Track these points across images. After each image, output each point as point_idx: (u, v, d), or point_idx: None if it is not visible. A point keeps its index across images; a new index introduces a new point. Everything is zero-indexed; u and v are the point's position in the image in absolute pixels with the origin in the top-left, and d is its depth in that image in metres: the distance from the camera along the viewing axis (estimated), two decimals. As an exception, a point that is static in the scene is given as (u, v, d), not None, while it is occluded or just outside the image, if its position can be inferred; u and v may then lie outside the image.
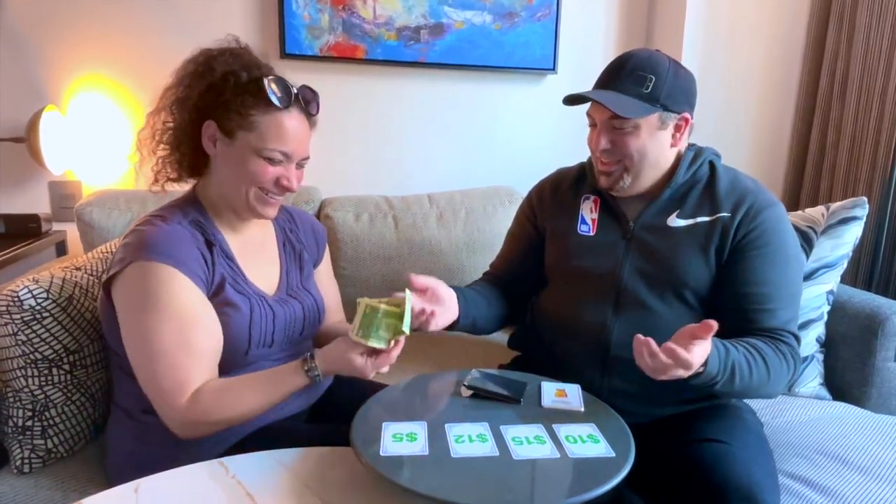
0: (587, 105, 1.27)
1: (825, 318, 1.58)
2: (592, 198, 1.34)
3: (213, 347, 1.07)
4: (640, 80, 1.19)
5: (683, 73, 1.23)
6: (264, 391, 1.06)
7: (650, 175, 1.25)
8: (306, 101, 1.15)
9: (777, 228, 1.20)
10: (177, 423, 1.04)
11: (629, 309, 1.23)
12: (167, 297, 1.02)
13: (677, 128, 1.23)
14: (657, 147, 1.22)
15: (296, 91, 1.12)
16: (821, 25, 2.09)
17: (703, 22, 2.21)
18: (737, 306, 1.19)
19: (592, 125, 1.27)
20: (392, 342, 1.04)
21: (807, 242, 1.56)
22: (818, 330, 1.57)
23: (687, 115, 1.23)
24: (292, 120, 1.12)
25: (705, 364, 1.03)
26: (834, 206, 1.58)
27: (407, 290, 1.06)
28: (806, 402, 1.52)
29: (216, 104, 1.09)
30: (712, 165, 1.29)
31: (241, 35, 1.17)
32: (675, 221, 1.24)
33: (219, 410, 1.03)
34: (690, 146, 1.31)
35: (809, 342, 1.56)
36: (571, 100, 1.24)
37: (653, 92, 1.18)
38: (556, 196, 1.41)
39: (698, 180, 1.27)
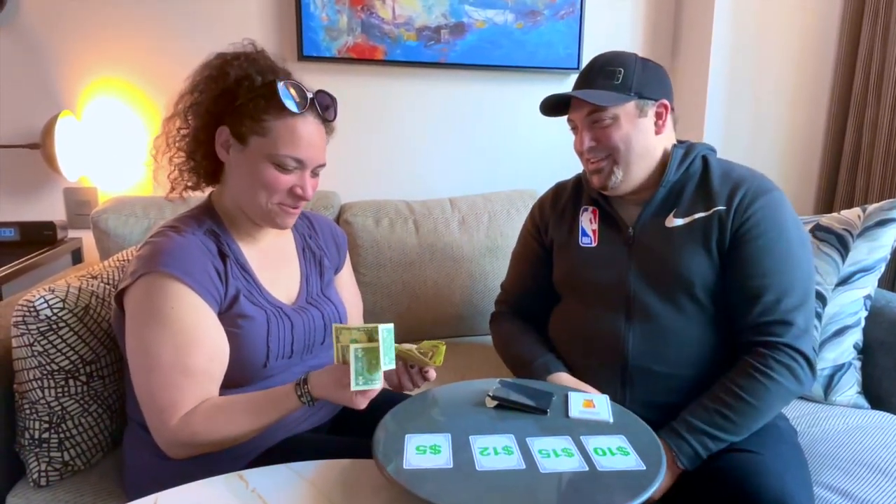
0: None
1: (862, 323, 1.53)
2: (591, 209, 1.34)
3: (213, 370, 1.05)
4: (609, 74, 1.22)
5: (652, 65, 1.25)
6: (257, 414, 1.02)
7: (641, 168, 1.24)
8: (323, 107, 1.12)
9: (774, 215, 1.17)
10: (165, 442, 1.02)
11: (642, 317, 1.22)
12: (172, 313, 1.01)
13: (658, 115, 1.24)
14: (641, 136, 1.22)
15: (311, 96, 1.10)
16: (855, 21, 2.04)
17: (732, 17, 2.16)
18: (740, 301, 1.17)
19: (574, 129, 1.29)
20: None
21: (843, 246, 1.51)
22: (855, 336, 1.52)
23: (665, 101, 1.24)
24: (307, 125, 1.09)
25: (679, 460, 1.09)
26: (870, 207, 1.53)
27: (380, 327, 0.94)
28: (843, 410, 1.47)
29: (229, 109, 1.08)
30: (705, 160, 1.27)
31: (258, 37, 1.16)
32: (673, 221, 1.23)
33: (209, 432, 1.00)
34: (681, 143, 1.30)
35: (846, 349, 1.52)
36: (549, 108, 1.29)
37: (624, 82, 1.20)
38: (556, 209, 1.40)
39: (691, 176, 1.25)
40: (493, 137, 2.27)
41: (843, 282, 1.51)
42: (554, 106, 1.28)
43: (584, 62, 2.18)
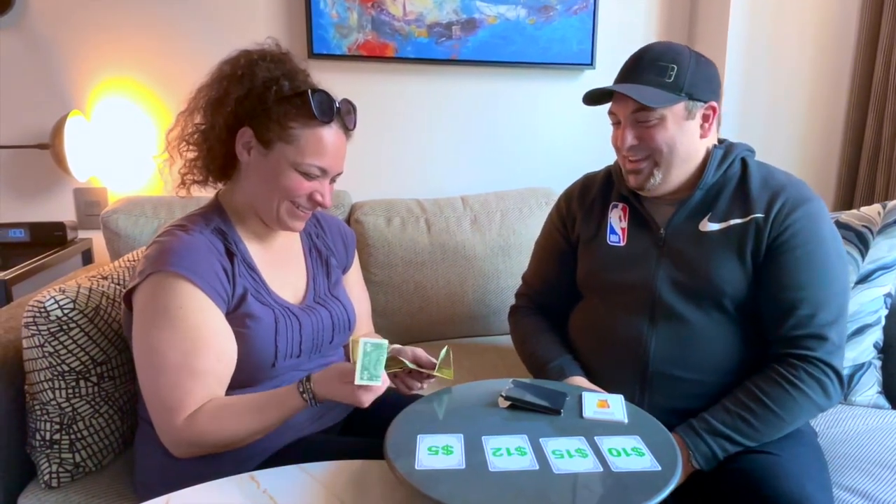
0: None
1: (883, 322, 1.51)
2: (621, 206, 1.30)
3: (221, 371, 1.05)
4: (661, 70, 1.16)
5: (705, 61, 1.20)
6: (260, 412, 1.02)
7: (681, 171, 1.20)
8: (345, 115, 1.13)
9: (813, 226, 1.14)
10: (171, 441, 1.02)
11: (666, 321, 1.19)
12: (180, 313, 1.01)
13: (705, 118, 1.19)
14: (686, 139, 1.17)
15: (338, 105, 1.10)
16: (875, 12, 2.01)
17: (749, 10, 2.13)
18: (773, 312, 1.14)
19: (616, 123, 1.23)
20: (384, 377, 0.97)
21: (862, 243, 1.48)
22: (875, 335, 1.50)
23: (714, 103, 1.19)
24: (332, 135, 1.10)
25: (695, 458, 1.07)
26: (891, 204, 1.50)
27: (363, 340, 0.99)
28: (863, 411, 1.45)
29: (256, 112, 1.07)
30: (744, 162, 1.23)
31: (267, 35, 1.15)
32: (707, 226, 1.19)
33: (215, 430, 1.00)
34: (721, 143, 1.25)
35: (866, 348, 1.49)
36: (591, 99, 1.22)
37: (676, 81, 1.15)
38: (584, 203, 1.36)
39: (729, 179, 1.21)
40: (506, 135, 2.26)
41: (863, 280, 1.48)
42: (596, 96, 1.22)
43: (598, 58, 2.20)
